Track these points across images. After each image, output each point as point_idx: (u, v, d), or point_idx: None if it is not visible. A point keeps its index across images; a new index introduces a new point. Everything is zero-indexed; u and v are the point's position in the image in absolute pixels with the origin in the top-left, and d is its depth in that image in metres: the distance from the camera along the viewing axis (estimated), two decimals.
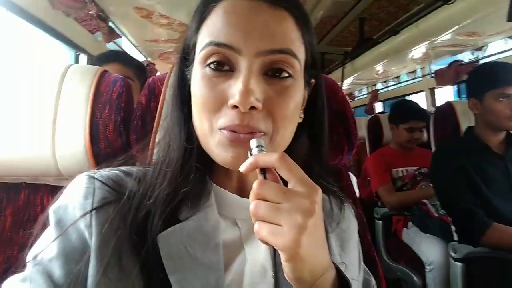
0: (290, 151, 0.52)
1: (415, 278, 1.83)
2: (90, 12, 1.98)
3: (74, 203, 0.46)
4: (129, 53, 1.83)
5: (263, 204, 0.38)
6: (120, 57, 1.57)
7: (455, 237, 1.58)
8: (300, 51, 0.50)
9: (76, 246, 0.44)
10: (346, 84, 4.72)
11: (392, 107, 2.63)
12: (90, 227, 0.44)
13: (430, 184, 2.12)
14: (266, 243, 0.39)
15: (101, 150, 0.74)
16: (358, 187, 2.91)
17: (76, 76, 0.76)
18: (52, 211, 0.47)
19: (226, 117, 0.46)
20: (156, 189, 0.49)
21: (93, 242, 0.44)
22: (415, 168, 2.27)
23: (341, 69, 3.92)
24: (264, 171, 0.42)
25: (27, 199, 0.77)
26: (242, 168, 0.42)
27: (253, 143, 0.44)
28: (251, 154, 0.43)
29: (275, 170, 0.41)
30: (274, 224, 0.38)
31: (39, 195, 0.78)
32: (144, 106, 0.76)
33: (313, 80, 0.58)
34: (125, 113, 0.76)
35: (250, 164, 0.42)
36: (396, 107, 2.55)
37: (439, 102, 3.38)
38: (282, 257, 0.39)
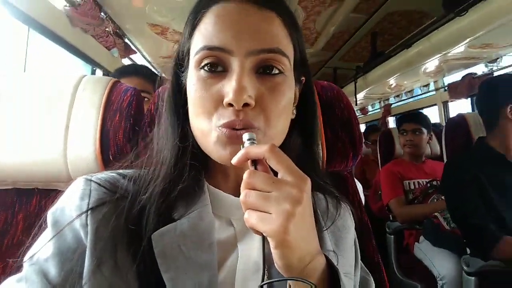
0: (284, 147, 0.53)
1: None
2: (107, 29, 2.05)
3: (70, 205, 0.48)
4: None
5: (253, 193, 0.40)
6: (140, 71, 1.57)
7: (468, 251, 1.54)
8: (289, 49, 0.52)
9: (71, 245, 0.45)
10: (359, 98, 4.70)
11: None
12: (85, 226, 0.45)
13: (442, 197, 2.09)
14: (255, 231, 0.40)
15: (111, 156, 0.76)
16: (369, 201, 2.87)
17: (89, 85, 0.80)
18: (50, 213, 0.49)
19: (223, 116, 0.47)
20: (151, 185, 0.50)
21: (88, 241, 0.45)
22: (427, 180, 2.24)
23: (353, 84, 3.92)
24: (255, 163, 0.44)
25: (39, 204, 0.79)
26: (234, 160, 0.44)
27: (245, 136, 0.45)
28: (243, 147, 0.45)
29: (266, 161, 0.42)
30: (263, 212, 0.39)
31: (51, 200, 0.79)
32: (154, 114, 0.78)
33: (303, 78, 0.60)
34: (134, 120, 0.78)
35: (241, 156, 0.43)
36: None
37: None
38: (271, 244, 0.40)
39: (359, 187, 0.89)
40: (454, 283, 1.68)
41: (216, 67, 0.49)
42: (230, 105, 0.46)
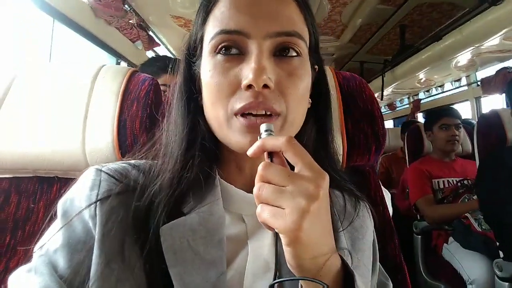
0: (298, 138, 0.51)
1: None
2: (130, 21, 2.08)
3: (80, 195, 0.47)
4: None
5: (267, 186, 0.38)
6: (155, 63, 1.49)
7: (501, 254, 1.47)
8: (305, 33, 0.51)
9: (80, 236, 0.45)
10: (387, 93, 4.59)
11: (424, 116, 2.59)
12: (94, 217, 0.45)
13: (474, 197, 1.99)
14: (267, 226, 0.38)
15: (128, 145, 0.76)
16: (396, 200, 2.79)
17: (108, 75, 0.80)
18: (60, 204, 0.48)
19: (241, 99, 0.46)
20: (159, 179, 0.49)
21: (96, 233, 0.44)
22: (457, 179, 2.14)
23: (380, 78, 3.82)
24: (271, 155, 0.42)
25: (59, 192, 0.80)
26: (250, 151, 0.42)
27: (262, 127, 0.44)
28: (260, 138, 0.43)
29: (283, 154, 0.40)
30: (277, 207, 0.37)
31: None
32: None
33: (316, 66, 0.58)
34: (151, 110, 0.78)
35: (257, 147, 0.41)
36: (426, 114, 2.53)
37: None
38: (283, 241, 0.38)
39: (387, 196, 0.84)
40: (485, 287, 1.60)
41: (234, 50, 0.48)
42: (249, 87, 0.45)
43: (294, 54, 0.49)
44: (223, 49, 0.48)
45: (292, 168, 0.40)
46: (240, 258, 0.50)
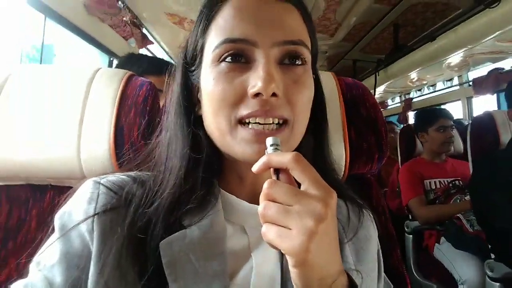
0: (299, 148, 0.51)
1: None
2: (124, 19, 2.04)
3: (78, 209, 0.46)
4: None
5: (273, 205, 0.37)
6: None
7: (492, 255, 1.48)
8: (309, 42, 0.51)
9: (78, 251, 0.44)
10: (379, 92, 4.61)
11: (415, 117, 2.57)
12: (92, 232, 0.44)
13: (465, 198, 2.01)
14: (273, 246, 0.37)
15: (125, 153, 0.72)
16: (387, 199, 2.80)
17: (103, 79, 0.77)
18: (57, 217, 0.47)
19: (247, 106, 0.45)
20: (158, 197, 0.48)
21: (94, 248, 0.43)
22: (449, 180, 2.15)
23: (373, 77, 3.83)
24: (277, 171, 0.40)
25: (52, 201, 0.77)
26: (255, 168, 0.41)
27: (268, 141, 0.43)
28: (266, 153, 0.42)
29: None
30: (283, 227, 0.36)
31: (64, 197, 0.78)
32: None
33: (313, 75, 0.58)
34: (150, 117, 0.75)
35: (263, 164, 0.40)
36: (419, 114, 2.53)
37: (478, 112, 3.22)
38: (290, 262, 0.37)
39: None
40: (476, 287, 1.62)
41: (240, 58, 0.47)
42: (257, 95, 0.44)
43: (300, 62, 0.49)
44: (229, 57, 0.47)
45: (299, 184, 0.40)
46: (243, 273, 0.49)
